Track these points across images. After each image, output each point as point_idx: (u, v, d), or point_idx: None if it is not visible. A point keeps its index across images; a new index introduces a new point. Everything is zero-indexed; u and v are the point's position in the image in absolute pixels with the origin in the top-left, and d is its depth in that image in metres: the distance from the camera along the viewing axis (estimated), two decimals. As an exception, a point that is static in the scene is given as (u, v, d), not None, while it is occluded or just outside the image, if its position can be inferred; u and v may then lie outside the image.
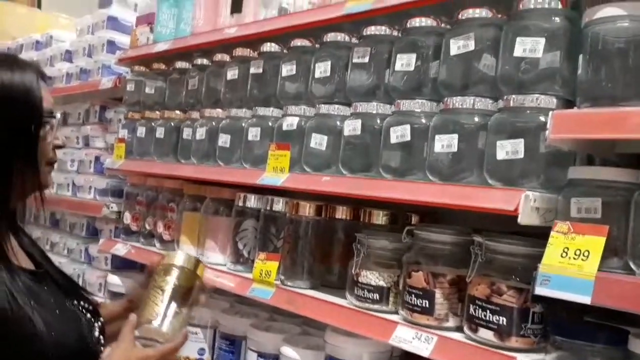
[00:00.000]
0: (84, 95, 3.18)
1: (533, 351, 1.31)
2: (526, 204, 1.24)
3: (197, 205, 2.32)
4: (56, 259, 3.21)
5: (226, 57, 2.22)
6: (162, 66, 2.60)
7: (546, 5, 1.30)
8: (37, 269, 1.30)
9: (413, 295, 1.49)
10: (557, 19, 1.30)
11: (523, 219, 1.24)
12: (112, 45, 3.02)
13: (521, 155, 1.30)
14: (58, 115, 1.35)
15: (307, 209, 1.81)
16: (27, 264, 1.29)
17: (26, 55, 3.95)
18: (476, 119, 1.42)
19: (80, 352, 1.25)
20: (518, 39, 1.31)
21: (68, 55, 3.43)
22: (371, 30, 1.68)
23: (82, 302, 1.36)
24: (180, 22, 2.49)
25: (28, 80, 1.24)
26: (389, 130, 1.57)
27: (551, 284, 1.17)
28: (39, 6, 8.80)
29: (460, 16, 1.46)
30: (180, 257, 1.44)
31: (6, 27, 6.81)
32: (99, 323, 1.38)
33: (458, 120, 1.44)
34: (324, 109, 1.78)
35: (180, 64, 2.47)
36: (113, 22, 3.06)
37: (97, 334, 1.34)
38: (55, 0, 9.62)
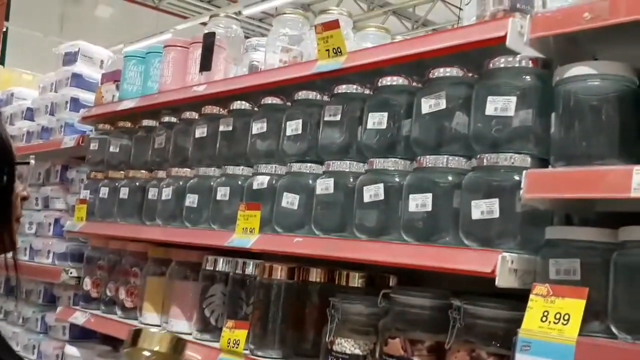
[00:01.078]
0: (44, 155, 3.15)
1: (517, 422, 1.28)
2: (503, 266, 1.24)
3: (162, 269, 2.28)
4: (10, 329, 3.11)
5: (195, 115, 2.24)
6: (128, 124, 2.60)
7: (517, 65, 1.35)
8: None
9: (390, 364, 1.46)
10: (528, 78, 1.35)
11: (501, 282, 1.24)
12: (75, 103, 3.02)
13: (496, 214, 1.31)
14: (32, 161, 1.30)
15: (279, 272, 1.79)
16: None
17: (-15, 112, 3.94)
18: (450, 178, 1.44)
19: None
20: (489, 98, 1.35)
21: (29, 113, 3.42)
22: (342, 88, 1.72)
23: None
24: (148, 79, 2.52)
25: None
26: (362, 190, 1.58)
27: (532, 350, 1.16)
28: (2, 63, 8.87)
29: (431, 75, 1.51)
30: (153, 337, 1.25)
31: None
32: None
33: (432, 179, 1.46)
34: (296, 167, 1.79)
35: (147, 122, 2.48)
36: (77, 80, 3.08)
37: None
38: (18, 56, 9.73)
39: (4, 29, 9.83)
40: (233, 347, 1.80)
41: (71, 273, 2.73)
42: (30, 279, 3.07)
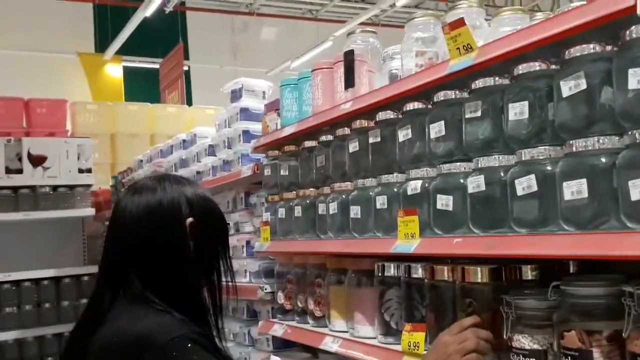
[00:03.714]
0: (229, 185, 3.50)
1: None
2: (672, 247, 1.17)
3: (341, 278, 2.42)
4: (223, 344, 3.49)
5: (347, 130, 2.35)
6: (293, 147, 2.79)
7: (656, 30, 1.26)
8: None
9: (569, 357, 1.43)
10: (671, 42, 1.25)
11: (672, 264, 1.17)
12: (247, 135, 3.32)
13: (658, 192, 1.23)
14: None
15: (445, 273, 1.82)
16: None
17: (177, 154, 4.45)
18: (603, 160, 1.37)
19: None
20: (631, 71, 1.27)
21: (211, 150, 3.81)
22: (479, 83, 1.71)
23: None
24: (302, 104, 2.69)
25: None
26: (514, 183, 1.57)
27: None
28: (190, 102, 9.88)
29: (566, 55, 1.45)
30: None
31: (160, 127, 7.74)
32: None
33: (584, 163, 1.40)
34: (445, 168, 1.81)
35: (307, 143, 2.65)
36: (245, 113, 3.37)
37: None
38: (201, 92, 10.75)
39: (186, 68, 11.02)
40: (414, 349, 1.87)
41: (266, 289, 2.99)
42: (233, 298, 3.42)
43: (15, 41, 11.04)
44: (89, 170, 6.22)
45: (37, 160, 5.68)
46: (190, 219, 1.53)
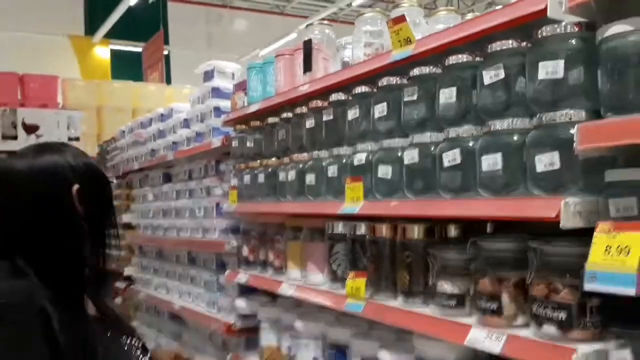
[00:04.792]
0: (201, 154, 3.45)
1: (595, 341, 1.26)
2: (567, 210, 1.22)
3: (297, 234, 2.44)
4: (195, 290, 3.49)
5: (304, 109, 2.35)
6: (257, 123, 2.77)
7: (562, 31, 1.29)
8: (100, 314, 1.40)
9: (483, 300, 1.49)
10: (574, 41, 1.28)
11: (565, 224, 1.22)
12: (217, 110, 3.27)
13: (557, 166, 1.28)
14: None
15: (383, 230, 1.86)
16: (95, 313, 1.40)
17: (155, 126, 4.35)
18: (515, 138, 1.41)
19: None
20: (540, 63, 1.31)
21: (186, 123, 3.73)
22: (416, 71, 1.73)
23: (134, 341, 1.44)
24: (266, 85, 2.66)
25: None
26: (441, 156, 1.60)
27: (597, 279, 1.14)
28: (169, 82, 9.67)
29: (489, 49, 1.47)
30: None
31: (142, 103, 7.56)
32: (148, 357, 1.45)
33: (500, 140, 1.44)
34: (386, 143, 1.84)
35: (270, 119, 2.64)
36: (216, 92, 3.31)
37: None
38: (180, 74, 10.50)
39: (166, 53, 10.75)
40: (356, 293, 1.91)
41: (232, 244, 2.98)
42: (205, 251, 3.41)
43: (11, 23, 10.54)
44: (77, 139, 6.03)
45: (31, 129, 5.49)
46: (76, 186, 1.30)
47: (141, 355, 1.44)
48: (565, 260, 1.31)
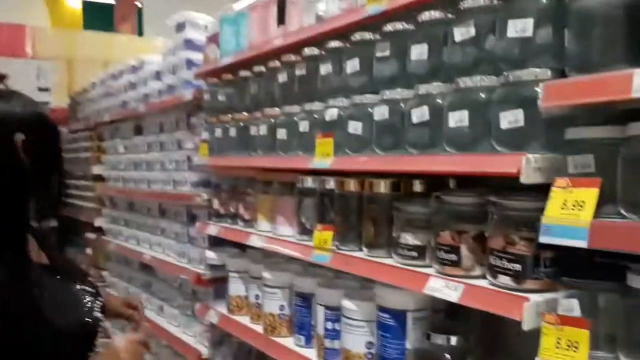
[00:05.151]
0: (173, 107, 3.37)
1: (546, 291, 1.31)
2: (527, 166, 1.24)
3: (267, 188, 2.43)
4: (166, 241, 3.47)
5: (277, 63, 2.30)
6: (230, 76, 2.71)
7: (532, -12, 1.27)
8: (51, 263, 1.40)
9: (443, 251, 1.52)
10: (544, 0, 1.27)
11: (525, 179, 1.24)
12: (190, 63, 3.17)
13: (521, 123, 1.29)
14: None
15: (351, 185, 1.86)
16: (43, 260, 1.40)
17: (126, 78, 4.22)
18: (482, 95, 1.41)
19: (81, 330, 1.33)
20: (510, 22, 1.30)
21: (157, 75, 3.62)
22: (389, 27, 1.70)
23: (85, 286, 1.44)
24: (239, 37, 2.59)
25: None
26: (410, 112, 1.59)
27: (552, 232, 1.18)
28: (141, 33, 9.31)
29: (460, 6, 1.46)
30: None
31: (114, 55, 7.30)
32: (99, 302, 1.44)
33: (467, 98, 1.44)
34: (357, 99, 1.82)
35: (243, 73, 2.58)
36: (189, 44, 3.20)
37: (97, 313, 1.41)
38: (153, 26, 10.14)
39: (140, 5, 10.32)
40: (323, 244, 1.93)
41: (204, 197, 2.96)
42: (176, 203, 3.38)
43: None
44: (47, 90, 5.82)
45: (-2, 78, 5.24)
46: (21, 136, 1.25)
47: (91, 300, 1.41)
48: (522, 214, 1.35)
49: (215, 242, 2.93)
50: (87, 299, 1.41)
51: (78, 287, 1.43)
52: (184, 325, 3.22)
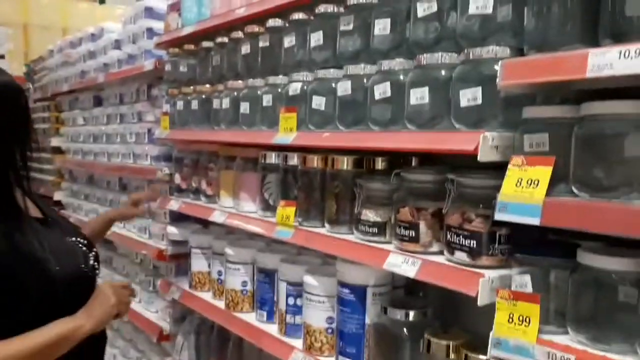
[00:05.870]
0: (133, 78, 3.28)
1: (500, 267, 1.35)
2: (485, 144, 1.26)
3: (230, 164, 2.41)
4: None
5: (240, 34, 2.25)
6: (192, 47, 2.65)
7: (494, -35, 1.27)
8: (44, 216, 1.51)
9: (402, 228, 1.54)
10: (505, -24, 1.27)
11: (482, 157, 1.26)
12: (150, 32, 3.08)
13: (479, 101, 1.30)
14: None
15: (314, 161, 1.86)
16: (36, 213, 1.50)
17: (85, 46, 4.08)
18: (443, 72, 1.42)
19: (79, 278, 1.48)
20: (471, -2, 1.30)
21: (117, 44, 3.51)
22: (352, 0, 1.68)
23: (79, 239, 1.57)
24: (201, 6, 2.52)
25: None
26: (373, 88, 1.59)
27: (508, 210, 1.20)
28: (102, 1, 8.96)
29: (424, -20, 1.45)
30: None
31: (72, 22, 7.03)
32: (93, 253, 1.59)
33: (428, 75, 1.44)
34: (321, 73, 1.80)
35: (205, 44, 2.52)
36: (149, 12, 3.11)
37: (92, 262, 1.56)
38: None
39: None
40: (285, 220, 1.93)
41: (164, 171, 2.92)
42: (136, 177, 3.32)
43: None
44: (1, 57, 5.58)
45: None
46: None
47: (85, 251, 1.56)
48: (479, 192, 1.37)
49: (177, 218, 2.90)
50: (82, 250, 1.54)
51: (72, 239, 1.54)
52: (145, 301, 3.20)
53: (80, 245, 1.56)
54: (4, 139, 1.38)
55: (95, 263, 1.58)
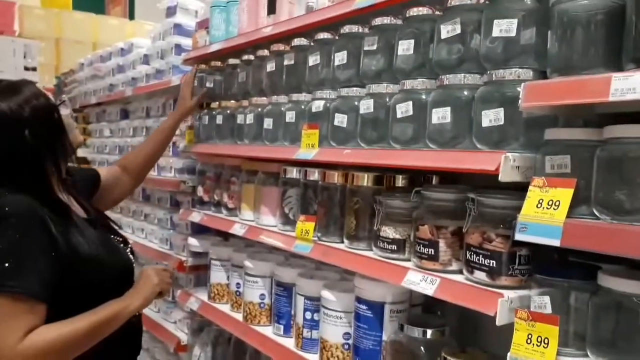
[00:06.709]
0: (160, 92, 3.36)
1: (520, 288, 1.34)
2: (506, 164, 1.26)
3: (252, 178, 2.44)
4: (149, 227, 3.47)
5: (266, 52, 2.30)
6: (218, 63, 2.70)
7: (518, -11, 1.29)
8: (88, 216, 1.67)
9: (421, 245, 1.54)
10: (528, 1, 1.29)
11: (504, 177, 1.26)
12: (178, 48, 3.16)
13: (502, 122, 1.31)
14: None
15: (335, 177, 1.88)
16: (80, 213, 1.65)
17: (114, 60, 4.18)
18: (466, 93, 1.43)
19: (124, 272, 1.67)
20: (495, 21, 1.31)
21: (146, 59, 3.60)
22: (377, 21, 1.71)
23: (117, 237, 1.76)
24: (229, 24, 2.58)
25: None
26: (395, 107, 1.61)
27: (528, 230, 1.20)
28: (132, 17, 9.19)
29: (448, 4, 1.47)
30: None
31: (103, 37, 7.22)
32: (129, 248, 1.77)
33: (451, 95, 1.46)
34: (344, 91, 1.83)
35: (231, 60, 2.57)
36: (178, 29, 3.19)
37: (130, 256, 1.74)
38: (144, 10, 10.03)
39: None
40: (305, 235, 1.95)
41: (188, 183, 2.96)
42: (159, 189, 3.37)
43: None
44: (34, 69, 5.74)
45: (-16, 55, 5.18)
46: (26, 131, 1.46)
47: (124, 247, 1.74)
48: (500, 212, 1.37)
49: (199, 230, 2.93)
50: (121, 246, 1.73)
51: (113, 237, 1.74)
52: (164, 311, 3.23)
53: (119, 242, 1.74)
54: (49, 150, 1.54)
55: (132, 256, 1.75)
